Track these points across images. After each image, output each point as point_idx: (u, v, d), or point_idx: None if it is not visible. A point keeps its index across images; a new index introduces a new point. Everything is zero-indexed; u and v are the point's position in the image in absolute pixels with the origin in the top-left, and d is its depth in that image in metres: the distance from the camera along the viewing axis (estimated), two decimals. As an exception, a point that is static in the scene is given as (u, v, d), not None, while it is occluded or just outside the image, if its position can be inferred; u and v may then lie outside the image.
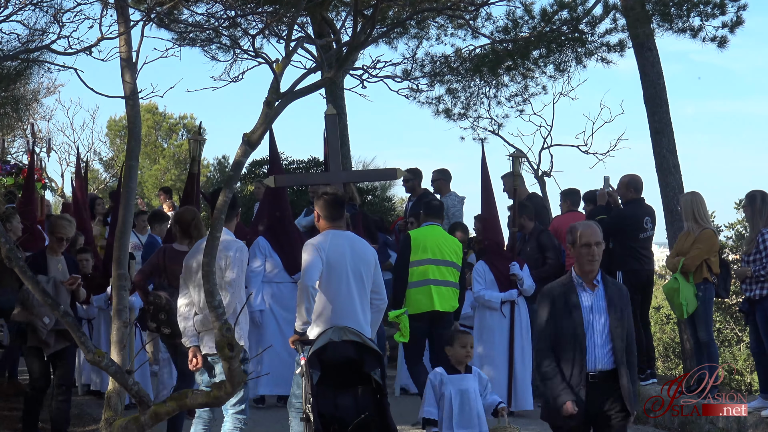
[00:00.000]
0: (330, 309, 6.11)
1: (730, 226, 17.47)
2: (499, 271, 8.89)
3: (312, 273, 6.05)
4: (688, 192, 8.94)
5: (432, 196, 10.83)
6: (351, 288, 6.16)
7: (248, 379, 5.46)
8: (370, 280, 6.30)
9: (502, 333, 8.84)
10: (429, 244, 8.38)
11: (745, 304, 8.21)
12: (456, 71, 16.06)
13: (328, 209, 6.31)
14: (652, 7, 13.28)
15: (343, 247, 6.20)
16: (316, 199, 6.43)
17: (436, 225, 8.57)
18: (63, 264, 7.60)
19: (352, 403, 5.88)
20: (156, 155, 40.10)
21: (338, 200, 6.37)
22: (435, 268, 8.35)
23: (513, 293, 8.86)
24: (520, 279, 8.85)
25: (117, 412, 4.87)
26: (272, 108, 4.49)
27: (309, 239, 6.37)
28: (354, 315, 6.14)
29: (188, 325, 6.24)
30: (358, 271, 6.22)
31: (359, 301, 6.20)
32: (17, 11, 7.22)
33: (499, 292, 8.84)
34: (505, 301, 8.84)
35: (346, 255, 6.19)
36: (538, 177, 18.55)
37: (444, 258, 8.40)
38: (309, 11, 14.40)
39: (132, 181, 5.39)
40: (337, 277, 6.14)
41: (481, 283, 8.89)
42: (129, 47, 5.23)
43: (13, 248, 4.55)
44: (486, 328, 8.87)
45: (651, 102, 12.94)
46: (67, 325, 4.69)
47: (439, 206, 8.81)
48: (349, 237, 6.40)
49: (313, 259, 6.09)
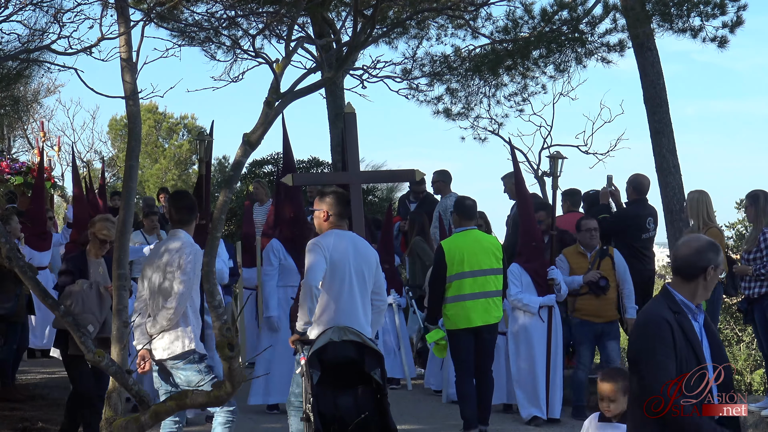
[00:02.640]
0: (332, 309, 6.10)
1: (730, 225, 17.45)
2: (537, 274, 8.47)
3: (316, 273, 6.04)
4: (695, 190, 8.92)
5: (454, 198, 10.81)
6: (353, 288, 6.15)
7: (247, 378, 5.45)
8: (371, 281, 6.29)
9: (541, 338, 8.46)
10: (465, 254, 7.86)
11: (744, 303, 8.22)
12: (456, 71, 16.06)
13: (340, 206, 6.26)
14: (652, 7, 13.29)
15: (346, 248, 6.19)
16: (324, 197, 6.29)
17: (471, 229, 8.01)
18: (104, 267, 7.15)
19: (353, 403, 5.88)
20: (156, 155, 40.11)
21: (348, 198, 6.39)
22: (472, 281, 7.86)
23: (552, 298, 8.48)
24: (558, 284, 8.48)
25: (117, 412, 4.87)
26: (272, 108, 4.49)
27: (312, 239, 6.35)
28: (356, 315, 6.13)
29: (142, 327, 6.16)
30: (361, 272, 6.20)
31: (361, 302, 6.19)
32: (17, 11, 7.22)
33: (536, 295, 8.44)
34: (543, 306, 8.47)
35: (349, 255, 6.18)
36: (538, 177, 18.54)
37: (482, 267, 7.88)
38: (309, 11, 14.38)
39: (132, 181, 5.38)
40: (340, 278, 6.12)
41: (518, 285, 8.44)
42: (129, 47, 5.23)
43: (13, 248, 4.55)
44: (522, 333, 8.47)
45: (651, 102, 12.95)
46: (67, 325, 4.69)
47: (472, 207, 8.17)
48: (352, 237, 6.39)
49: (317, 258, 6.07)
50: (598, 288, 8.54)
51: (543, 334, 8.48)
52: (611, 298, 8.63)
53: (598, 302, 8.57)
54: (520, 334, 8.48)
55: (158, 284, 6.12)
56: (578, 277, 8.62)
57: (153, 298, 6.16)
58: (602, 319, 8.63)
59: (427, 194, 11.55)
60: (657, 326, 4.11)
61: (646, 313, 4.26)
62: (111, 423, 4.74)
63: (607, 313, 8.64)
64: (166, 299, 6.07)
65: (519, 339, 8.49)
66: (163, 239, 6.47)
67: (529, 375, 8.41)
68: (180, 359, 6.07)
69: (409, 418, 8.43)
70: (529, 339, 8.45)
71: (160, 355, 6.10)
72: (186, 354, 6.06)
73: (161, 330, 6.03)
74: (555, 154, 9.16)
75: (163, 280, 6.11)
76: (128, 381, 4.60)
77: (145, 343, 6.10)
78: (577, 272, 8.66)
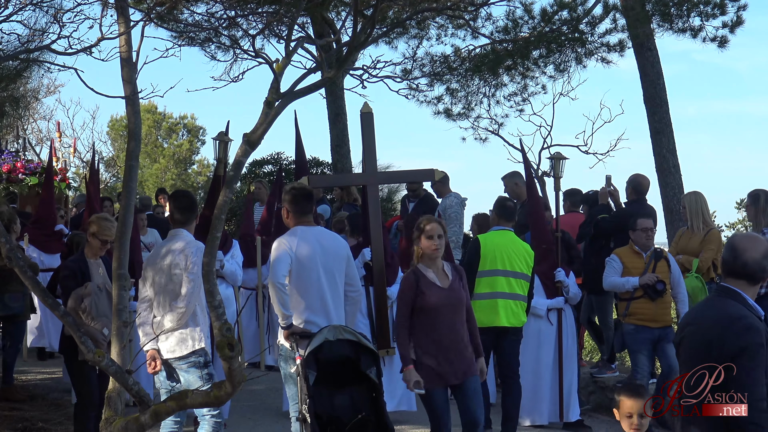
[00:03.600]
0: (302, 305, 6.12)
1: (731, 225, 17.50)
2: (546, 276, 8.30)
3: (279, 269, 6.05)
4: (691, 192, 8.93)
5: (454, 197, 10.82)
6: (321, 283, 6.16)
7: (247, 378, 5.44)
8: (342, 274, 6.30)
9: (550, 341, 8.27)
10: (499, 253, 7.63)
11: None
12: (456, 71, 16.07)
13: (296, 204, 6.29)
14: (652, 7, 13.31)
15: (312, 243, 6.20)
16: (285, 195, 6.37)
17: (507, 230, 7.76)
18: (103, 268, 7.01)
19: (349, 403, 5.88)
20: (156, 155, 40.12)
21: (306, 194, 6.35)
22: (504, 280, 7.61)
23: (560, 300, 8.29)
24: (566, 286, 8.30)
25: (117, 412, 4.87)
26: (272, 108, 4.49)
27: None
28: (325, 310, 6.14)
29: (146, 328, 6.16)
30: (329, 266, 6.21)
31: (331, 296, 6.20)
32: (17, 11, 7.22)
33: (545, 298, 8.25)
34: (551, 309, 8.27)
35: (316, 250, 6.18)
36: (538, 177, 18.55)
37: (514, 269, 7.63)
38: (309, 11, 14.41)
39: (132, 181, 5.38)
40: (307, 273, 6.13)
41: None
42: (129, 47, 5.22)
43: (13, 248, 4.55)
44: (532, 336, 8.18)
45: (651, 102, 12.97)
46: (67, 326, 4.69)
47: (512, 207, 7.94)
48: (318, 232, 6.38)
49: (281, 255, 6.10)
50: (655, 292, 8.13)
51: (552, 337, 8.29)
52: (667, 301, 8.26)
53: (655, 306, 8.14)
54: (529, 337, 8.15)
55: (164, 285, 6.11)
56: (633, 279, 8.19)
57: (158, 298, 6.15)
58: (659, 324, 8.18)
59: (427, 194, 11.54)
60: (758, 332, 4.03)
61: (742, 315, 4.09)
62: (111, 423, 4.73)
63: (664, 317, 8.21)
64: (174, 300, 6.06)
65: (526, 342, 8.14)
66: (165, 239, 6.43)
67: (532, 379, 8.16)
68: (185, 360, 6.09)
69: (410, 417, 8.44)
70: (536, 342, 8.22)
71: (167, 354, 6.11)
72: (192, 354, 6.07)
73: (170, 330, 6.04)
74: (556, 155, 9.11)
75: (168, 281, 6.10)
76: (128, 381, 4.60)
77: (146, 342, 6.10)
78: (633, 273, 8.25)
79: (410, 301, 6.14)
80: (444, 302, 6.14)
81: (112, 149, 36.45)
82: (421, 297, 6.12)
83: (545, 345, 8.27)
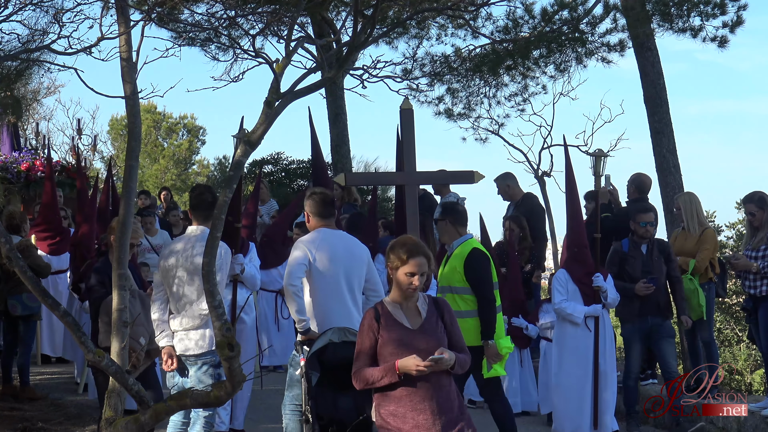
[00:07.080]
0: (322, 308, 6.12)
1: (731, 225, 17.48)
2: (581, 282, 7.82)
3: (295, 272, 6.05)
4: (685, 192, 8.96)
5: (453, 197, 10.80)
6: (341, 286, 6.16)
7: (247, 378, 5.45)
8: (362, 278, 6.29)
9: (587, 350, 7.77)
10: None
11: (750, 302, 8.01)
12: (456, 71, 16.08)
13: (318, 207, 6.29)
14: (652, 7, 13.31)
15: (333, 246, 6.20)
16: (306, 200, 6.39)
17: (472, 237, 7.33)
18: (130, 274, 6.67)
19: (352, 405, 5.87)
20: (156, 155, 40.15)
21: (328, 199, 6.37)
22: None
23: (597, 308, 7.78)
24: (604, 291, 7.79)
25: (117, 412, 4.87)
26: (272, 108, 4.49)
27: None
28: (347, 314, 6.13)
29: (161, 324, 6.18)
30: (350, 270, 6.21)
31: (351, 300, 6.20)
32: (17, 11, 7.23)
33: (582, 304, 7.78)
34: (588, 316, 7.77)
35: (338, 253, 6.18)
36: (538, 177, 18.54)
37: None
38: (309, 11, 14.42)
39: (132, 181, 5.38)
40: (328, 276, 6.13)
41: (563, 293, 7.81)
42: (129, 47, 5.22)
43: (13, 248, 4.55)
44: (567, 344, 7.83)
45: (651, 102, 12.96)
46: (67, 326, 4.69)
47: (465, 210, 7.51)
48: (340, 236, 6.39)
49: (299, 257, 6.10)
50: None
51: (590, 346, 7.80)
52: None
53: None
54: (565, 345, 7.86)
55: (184, 282, 6.10)
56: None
57: (176, 296, 6.14)
58: None
59: (425, 193, 11.53)
60: None
61: None
62: (111, 423, 4.74)
63: None
64: (197, 298, 6.04)
65: (564, 350, 7.87)
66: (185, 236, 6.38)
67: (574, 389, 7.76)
68: (201, 358, 6.09)
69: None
70: (573, 350, 7.81)
71: (184, 351, 6.10)
72: (209, 353, 6.06)
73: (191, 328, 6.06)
74: (598, 152, 8.63)
75: (191, 280, 6.08)
76: (128, 381, 4.60)
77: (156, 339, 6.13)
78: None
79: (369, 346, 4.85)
80: (410, 348, 4.71)
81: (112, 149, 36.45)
82: (382, 339, 4.79)
83: (584, 353, 7.81)
